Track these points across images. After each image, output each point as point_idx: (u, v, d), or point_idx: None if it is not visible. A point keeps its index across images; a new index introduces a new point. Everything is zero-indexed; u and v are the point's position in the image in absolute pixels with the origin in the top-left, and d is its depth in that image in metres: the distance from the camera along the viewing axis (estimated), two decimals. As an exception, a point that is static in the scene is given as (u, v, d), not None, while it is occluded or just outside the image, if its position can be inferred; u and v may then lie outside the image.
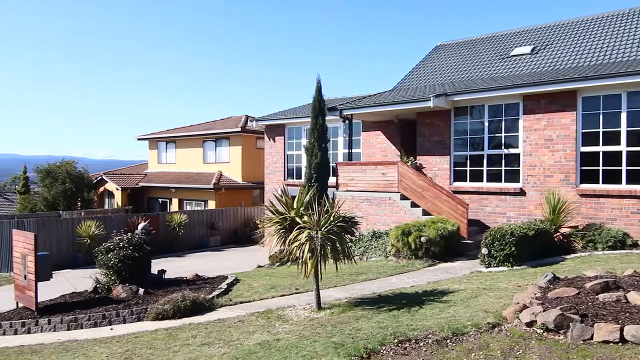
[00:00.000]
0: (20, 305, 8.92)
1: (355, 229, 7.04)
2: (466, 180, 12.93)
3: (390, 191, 13.17)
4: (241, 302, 7.88)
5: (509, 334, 4.61)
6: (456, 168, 13.19)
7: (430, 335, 4.73)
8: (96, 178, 28.97)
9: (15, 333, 7.74)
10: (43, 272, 8.54)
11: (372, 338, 4.82)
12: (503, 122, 12.24)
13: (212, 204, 23.56)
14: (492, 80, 13.37)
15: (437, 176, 13.37)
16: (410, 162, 13.68)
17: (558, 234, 10.06)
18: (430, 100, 12.26)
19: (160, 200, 26.86)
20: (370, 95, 16.30)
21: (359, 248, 12.08)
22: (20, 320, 7.97)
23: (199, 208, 23.64)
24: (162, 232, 18.50)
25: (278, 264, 12.63)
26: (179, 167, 27.47)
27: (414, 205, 12.67)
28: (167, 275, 10.42)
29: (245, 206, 22.41)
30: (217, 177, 23.81)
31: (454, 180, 13.18)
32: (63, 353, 6.02)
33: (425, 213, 12.29)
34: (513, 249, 8.80)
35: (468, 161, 12.91)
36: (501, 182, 12.26)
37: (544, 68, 13.61)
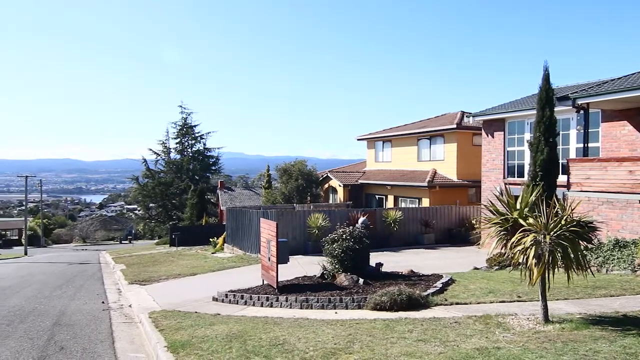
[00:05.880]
0: (265, 282, 10.59)
1: (593, 235, 6.15)
2: None
3: (640, 193, 10.99)
4: (457, 303, 7.72)
5: None
6: None
7: (701, 374, 3.79)
8: (322, 175, 32.22)
9: (261, 305, 9.22)
10: (282, 256, 9.94)
11: (615, 364, 4.13)
12: None
13: (425, 202, 23.59)
14: None
15: None
16: (670, 158, 11.14)
17: None
18: (702, 79, 9.76)
19: (376, 196, 28.22)
20: (612, 80, 13.86)
21: (597, 258, 10.46)
22: (265, 295, 9.46)
23: (413, 205, 23.94)
24: (379, 227, 19.38)
25: (497, 267, 11.88)
26: (394, 165, 28.34)
27: (675, 210, 10.30)
28: (383, 269, 10.91)
29: (460, 205, 21.74)
30: (431, 175, 23.72)
31: None
32: (297, 328, 6.90)
33: (692, 221, 9.87)
34: None
35: None
36: None
37: None
